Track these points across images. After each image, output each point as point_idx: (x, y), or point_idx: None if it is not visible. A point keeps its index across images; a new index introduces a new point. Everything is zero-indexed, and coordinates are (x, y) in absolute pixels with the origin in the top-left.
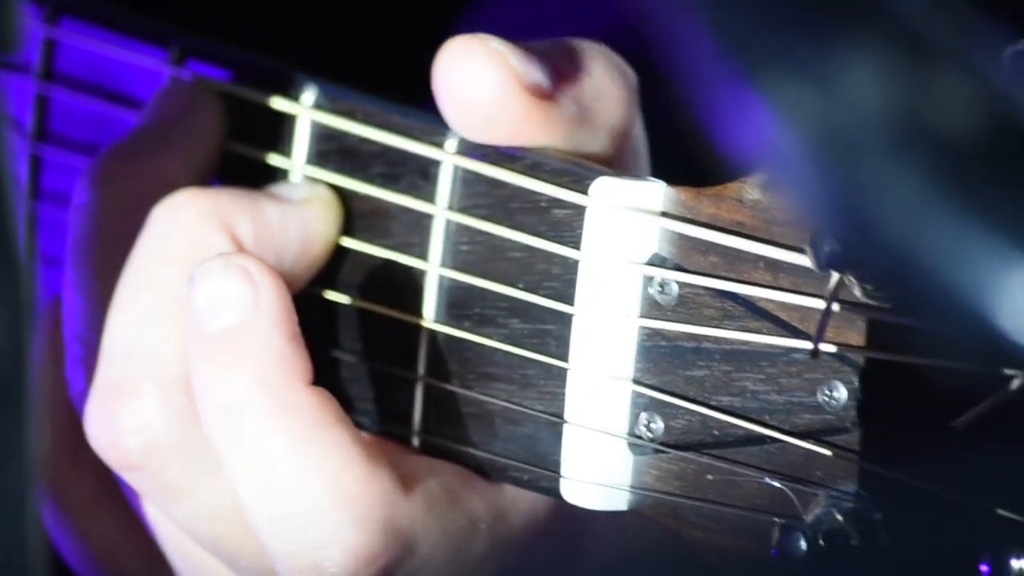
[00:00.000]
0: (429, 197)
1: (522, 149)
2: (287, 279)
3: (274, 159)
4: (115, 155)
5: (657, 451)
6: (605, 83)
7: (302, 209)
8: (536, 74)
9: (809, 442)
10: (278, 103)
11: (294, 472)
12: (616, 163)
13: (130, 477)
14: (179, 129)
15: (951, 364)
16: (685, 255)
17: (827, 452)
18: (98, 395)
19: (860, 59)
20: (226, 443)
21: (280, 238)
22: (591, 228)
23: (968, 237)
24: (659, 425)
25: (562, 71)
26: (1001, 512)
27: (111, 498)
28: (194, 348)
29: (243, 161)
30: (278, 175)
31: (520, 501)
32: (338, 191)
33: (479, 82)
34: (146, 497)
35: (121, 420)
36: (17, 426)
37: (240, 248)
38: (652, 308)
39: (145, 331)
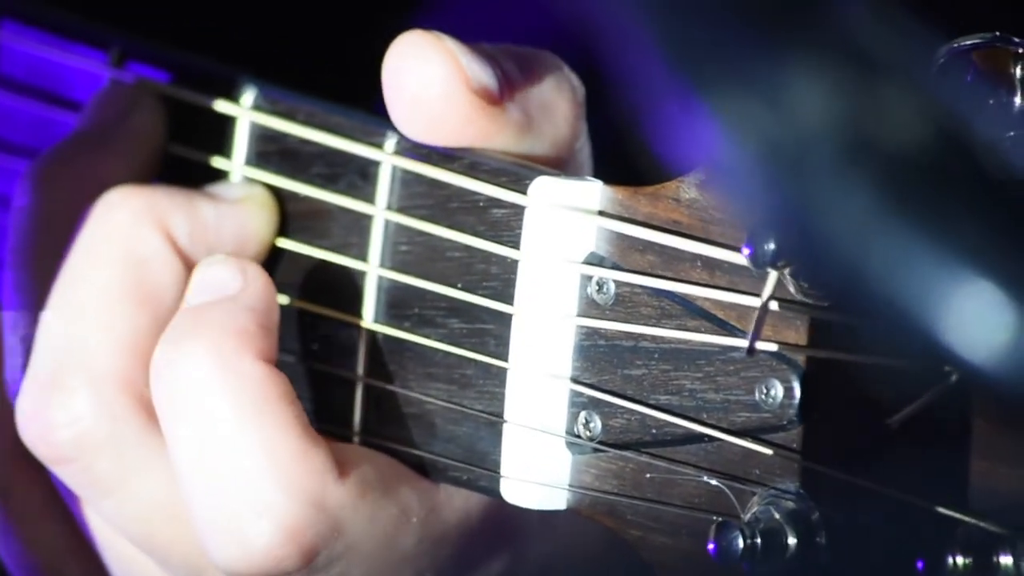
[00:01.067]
0: (368, 197)
1: (461, 149)
2: None
3: (214, 160)
4: (55, 158)
5: (596, 450)
6: (553, 94)
7: (237, 208)
8: (485, 77)
9: (747, 440)
10: (218, 105)
11: (230, 437)
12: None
13: (61, 471)
14: (119, 131)
15: (889, 362)
16: (622, 254)
17: (765, 450)
18: (30, 389)
19: (807, 75)
20: (168, 400)
21: (214, 237)
22: (530, 227)
23: (914, 252)
24: (597, 424)
25: (511, 77)
26: (938, 510)
27: (59, 508)
28: (171, 321)
29: (184, 163)
30: (218, 176)
31: (455, 498)
32: (277, 192)
33: (427, 78)
34: (77, 492)
35: (52, 413)
36: None
37: (174, 246)
38: (590, 307)
39: (78, 327)
